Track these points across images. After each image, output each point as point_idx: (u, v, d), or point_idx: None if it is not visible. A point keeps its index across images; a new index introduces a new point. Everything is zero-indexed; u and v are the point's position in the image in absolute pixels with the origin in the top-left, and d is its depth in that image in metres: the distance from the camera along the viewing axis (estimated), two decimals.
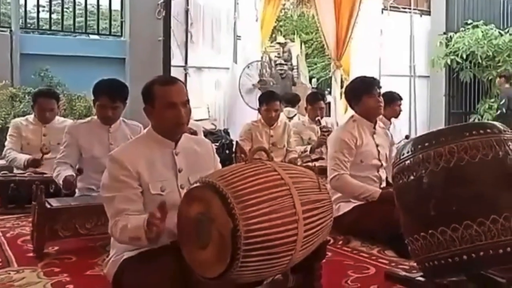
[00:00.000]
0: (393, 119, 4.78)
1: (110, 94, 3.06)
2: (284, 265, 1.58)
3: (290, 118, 5.60)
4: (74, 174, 2.97)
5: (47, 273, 2.40)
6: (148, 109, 1.94)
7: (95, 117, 3.22)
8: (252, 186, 1.53)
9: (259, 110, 4.66)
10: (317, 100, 4.86)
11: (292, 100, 6.02)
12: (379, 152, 3.18)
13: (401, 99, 4.90)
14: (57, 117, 4.25)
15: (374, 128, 3.21)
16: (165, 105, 1.88)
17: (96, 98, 3.12)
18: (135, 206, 1.82)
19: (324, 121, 4.91)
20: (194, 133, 3.36)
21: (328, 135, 3.98)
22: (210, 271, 1.53)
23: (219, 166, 2.08)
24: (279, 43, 8.59)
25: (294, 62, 8.15)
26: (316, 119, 4.69)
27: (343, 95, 6.27)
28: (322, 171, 3.15)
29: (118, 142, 3.02)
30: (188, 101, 1.94)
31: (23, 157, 3.96)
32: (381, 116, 3.39)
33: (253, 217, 1.47)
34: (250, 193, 1.51)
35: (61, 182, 2.93)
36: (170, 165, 1.94)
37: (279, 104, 4.53)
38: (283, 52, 8.31)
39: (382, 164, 3.19)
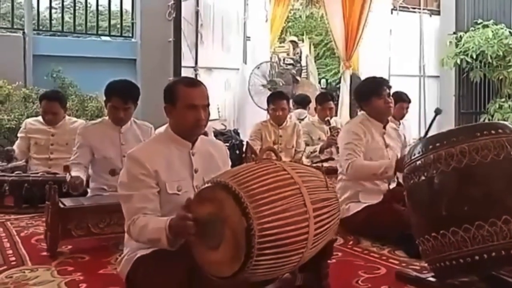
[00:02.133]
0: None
1: (122, 95, 3.08)
2: (295, 263, 1.59)
3: (301, 120, 5.60)
4: (82, 176, 2.98)
5: (60, 272, 2.44)
6: (169, 108, 1.97)
7: (107, 117, 3.25)
8: (263, 186, 1.54)
9: (267, 110, 4.67)
10: (326, 101, 4.87)
11: (303, 102, 6.00)
12: (388, 153, 3.16)
13: (409, 101, 4.87)
14: (68, 117, 4.30)
15: (384, 128, 3.21)
16: (187, 106, 1.91)
17: (108, 99, 3.14)
18: (152, 205, 1.85)
19: (333, 121, 4.92)
20: (205, 133, 3.36)
21: (337, 135, 3.98)
22: (223, 270, 1.54)
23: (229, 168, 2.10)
24: (292, 41, 8.58)
25: (303, 62, 8.14)
26: (326, 119, 4.70)
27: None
28: (331, 172, 3.15)
29: (129, 143, 3.05)
30: (208, 105, 1.97)
31: None
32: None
33: (266, 216, 1.48)
34: (262, 192, 1.52)
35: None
36: (187, 165, 1.96)
37: (286, 103, 4.53)
38: (294, 52, 8.30)
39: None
